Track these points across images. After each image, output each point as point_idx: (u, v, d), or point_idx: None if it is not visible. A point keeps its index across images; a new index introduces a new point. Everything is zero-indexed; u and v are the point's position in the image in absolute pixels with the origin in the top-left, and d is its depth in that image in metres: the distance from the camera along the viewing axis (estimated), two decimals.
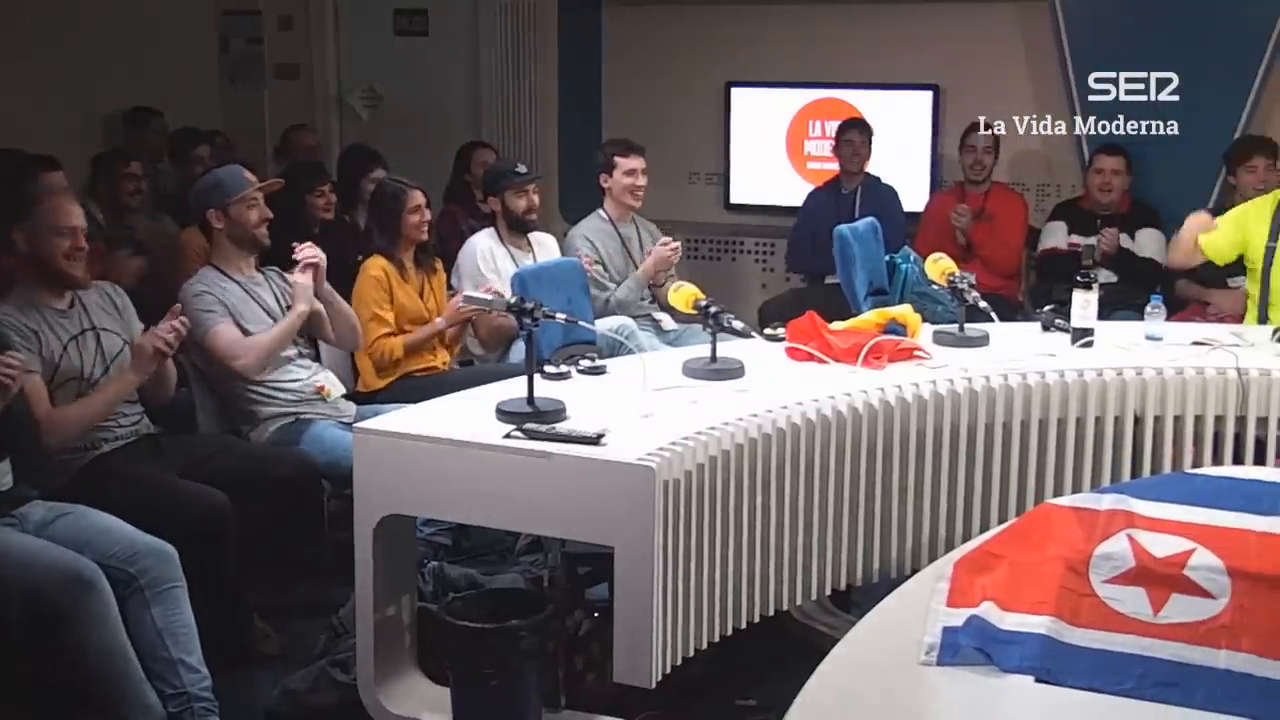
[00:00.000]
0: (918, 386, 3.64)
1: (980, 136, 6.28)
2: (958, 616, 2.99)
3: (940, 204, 6.41)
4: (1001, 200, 6.32)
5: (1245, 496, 3.06)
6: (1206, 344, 4.01)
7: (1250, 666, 2.81)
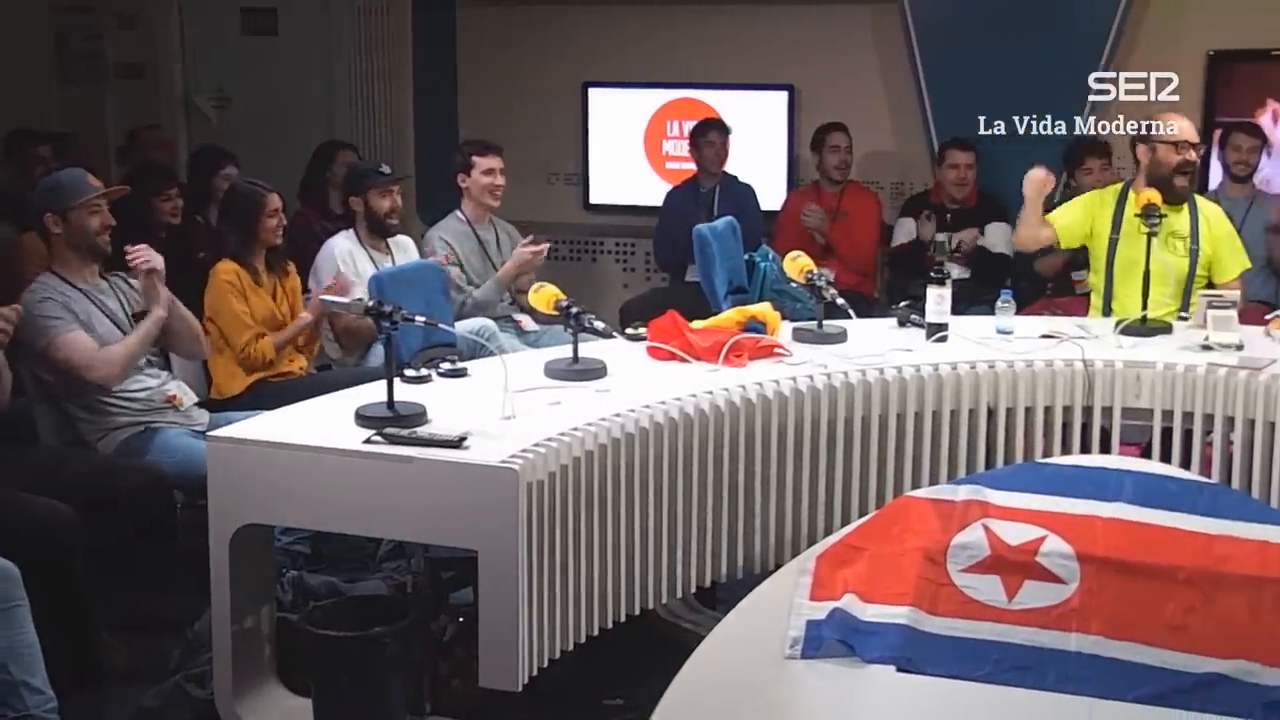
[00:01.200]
0: (778, 383, 3.68)
1: (843, 136, 6.37)
2: (820, 610, 3.03)
3: (797, 203, 6.49)
4: (856, 199, 6.43)
5: (1092, 484, 3.17)
6: (1054, 337, 4.13)
7: (1098, 648, 2.91)
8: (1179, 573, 2.96)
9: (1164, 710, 2.77)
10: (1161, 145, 4.47)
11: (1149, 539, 3.03)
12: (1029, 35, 6.23)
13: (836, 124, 6.41)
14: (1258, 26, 6.20)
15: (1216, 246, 4.49)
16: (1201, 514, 3.06)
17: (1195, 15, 6.31)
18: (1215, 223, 4.53)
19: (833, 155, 6.38)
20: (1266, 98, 6.18)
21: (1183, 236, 4.46)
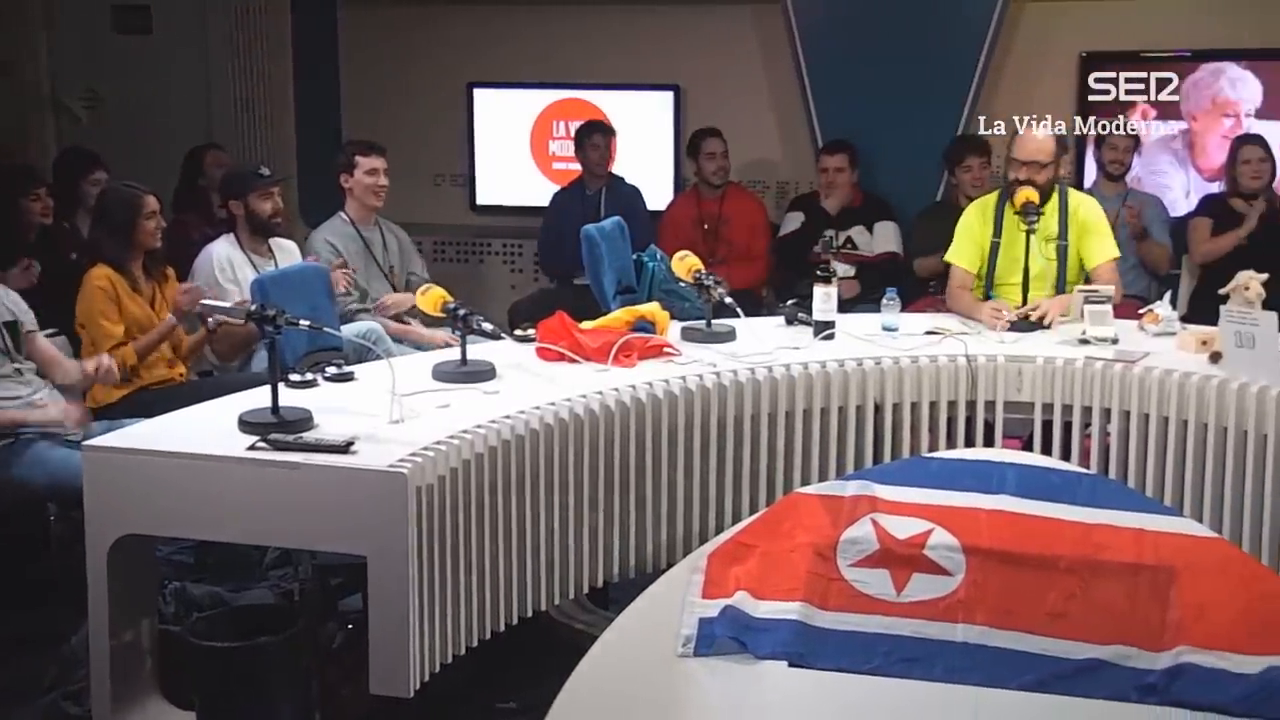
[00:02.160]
0: (668, 383, 3.68)
1: (718, 142, 6.40)
2: (713, 607, 3.05)
3: (680, 208, 6.49)
4: (738, 201, 6.45)
5: (976, 477, 3.23)
6: (938, 333, 4.20)
7: (984, 638, 2.96)
8: (1059, 562, 3.03)
9: (1046, 696, 2.84)
10: (1009, 163, 4.57)
11: (1031, 530, 3.10)
12: (910, 36, 6.32)
13: (711, 129, 6.43)
14: (1128, 28, 6.38)
15: (1083, 234, 4.56)
16: (1081, 504, 3.14)
17: (1068, 17, 6.47)
18: (1084, 211, 4.59)
19: (709, 161, 6.40)
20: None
21: (1052, 237, 4.55)
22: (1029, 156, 4.52)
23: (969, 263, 4.64)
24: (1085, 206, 4.64)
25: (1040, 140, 4.55)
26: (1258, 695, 2.76)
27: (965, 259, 4.65)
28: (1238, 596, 2.94)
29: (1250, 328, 3.71)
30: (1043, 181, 4.50)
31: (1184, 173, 6.36)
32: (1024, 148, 4.55)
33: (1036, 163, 4.50)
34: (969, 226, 4.69)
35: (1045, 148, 4.53)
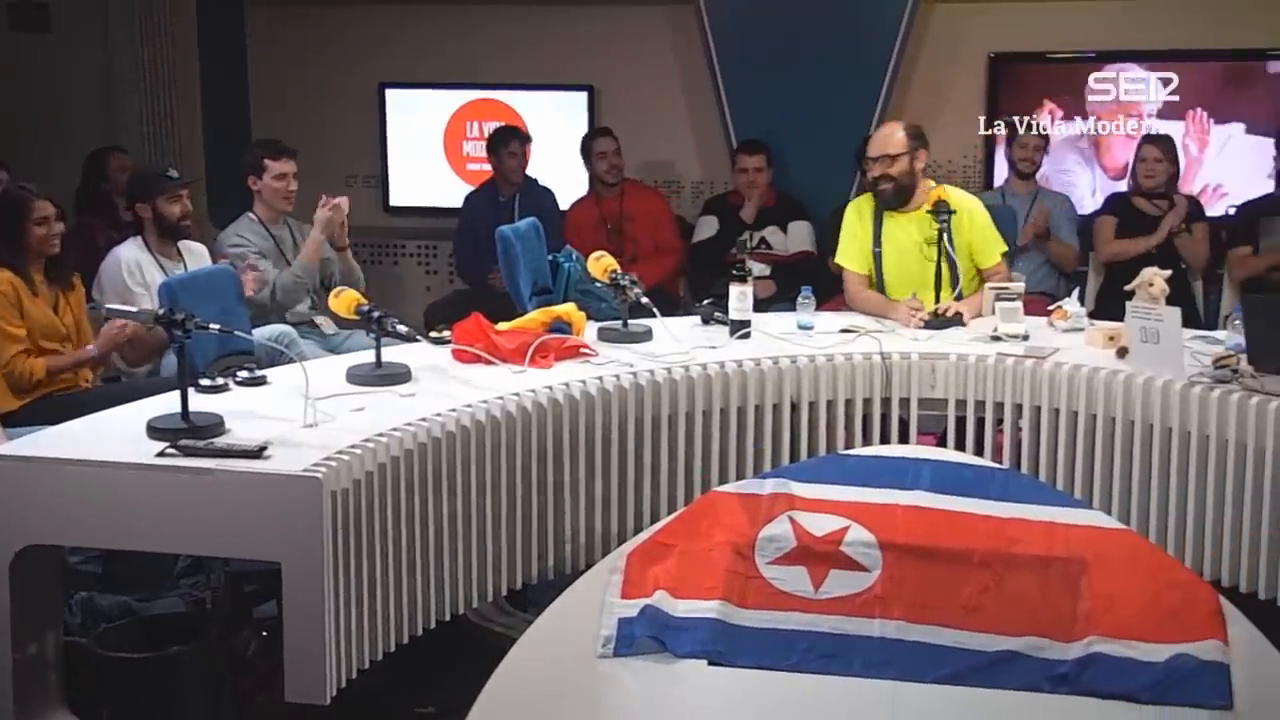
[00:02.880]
0: (585, 383, 3.67)
1: (609, 141, 6.39)
2: (632, 607, 3.05)
3: (581, 210, 6.47)
4: (638, 198, 6.45)
5: (892, 474, 3.25)
6: (853, 331, 4.23)
7: (900, 632, 3.00)
8: (973, 556, 3.07)
9: (962, 689, 2.87)
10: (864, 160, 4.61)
11: (946, 524, 3.13)
12: (822, 37, 6.38)
13: (602, 129, 6.45)
14: (1036, 30, 6.49)
15: (972, 236, 4.58)
16: (994, 499, 3.18)
17: (977, 19, 6.57)
18: (969, 214, 4.59)
19: (600, 161, 6.38)
20: (1044, 97, 6.48)
21: (934, 241, 4.51)
22: (876, 151, 4.54)
23: (860, 264, 4.64)
24: (970, 208, 4.60)
25: (885, 133, 4.57)
26: (1164, 683, 2.82)
27: (855, 261, 4.64)
28: (1145, 586, 3.00)
29: (1155, 323, 3.79)
30: (897, 174, 4.51)
31: (1090, 172, 6.49)
32: (872, 144, 4.58)
33: (886, 155, 4.51)
34: (852, 228, 4.66)
35: (893, 139, 4.53)
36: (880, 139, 4.57)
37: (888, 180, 4.53)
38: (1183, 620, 2.92)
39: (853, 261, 4.66)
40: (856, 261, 4.65)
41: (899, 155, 4.51)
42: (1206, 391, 3.61)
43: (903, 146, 4.52)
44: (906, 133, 4.56)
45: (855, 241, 4.66)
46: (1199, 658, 2.84)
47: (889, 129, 4.60)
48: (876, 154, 4.54)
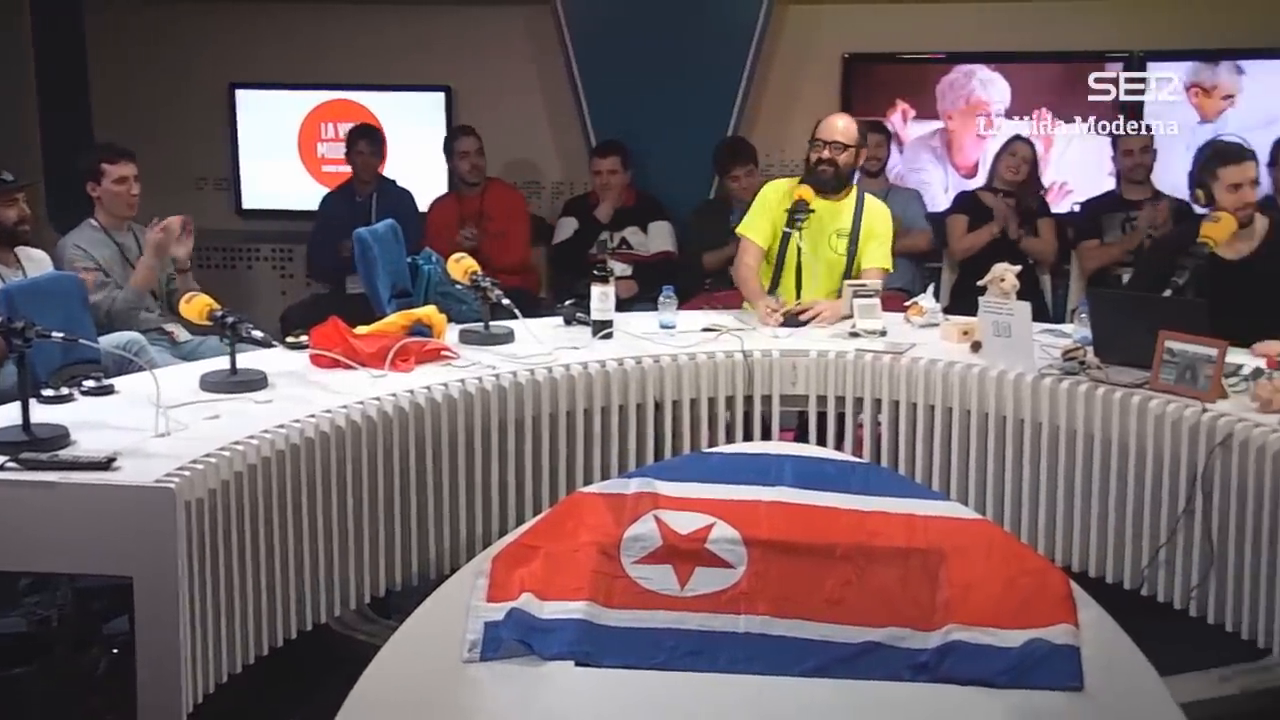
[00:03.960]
0: (446, 386, 3.64)
1: (471, 140, 6.35)
2: (498, 611, 3.02)
3: (441, 210, 6.41)
4: (498, 198, 6.42)
5: (755, 470, 3.28)
6: (715, 330, 4.26)
7: (766, 627, 3.02)
8: (836, 549, 3.11)
9: (827, 681, 2.91)
10: (811, 145, 4.66)
11: (808, 519, 3.17)
12: (679, 38, 6.41)
13: (464, 128, 6.40)
14: (887, 31, 6.61)
15: (868, 238, 4.65)
16: (855, 493, 3.23)
17: (831, 20, 6.67)
18: (873, 219, 4.67)
19: (462, 161, 6.34)
20: (896, 97, 6.61)
21: (845, 233, 4.64)
22: (832, 136, 4.58)
23: (762, 238, 4.65)
24: (877, 213, 4.69)
25: (845, 123, 4.63)
26: (1019, 667, 2.88)
27: (758, 234, 4.65)
28: (1001, 575, 3.07)
29: (1006, 317, 3.89)
30: (842, 163, 4.58)
31: (942, 169, 6.64)
32: (829, 127, 4.61)
33: (839, 143, 4.57)
34: (766, 204, 4.69)
35: (850, 131, 4.60)
36: (837, 127, 4.61)
37: (832, 165, 4.58)
38: (1036, 606, 3.00)
39: (756, 233, 4.67)
40: (759, 234, 4.66)
41: (849, 147, 4.59)
42: (1056, 383, 3.72)
43: (854, 140, 4.60)
44: (858, 130, 4.65)
45: (766, 217, 4.67)
46: (1051, 642, 2.92)
47: (846, 121, 4.66)
48: (830, 138, 4.59)
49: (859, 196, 4.68)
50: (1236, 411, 3.38)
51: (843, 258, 4.61)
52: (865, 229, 4.63)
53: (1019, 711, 2.80)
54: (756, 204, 4.74)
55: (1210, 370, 3.44)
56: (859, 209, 4.65)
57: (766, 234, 4.65)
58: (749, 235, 4.67)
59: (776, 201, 4.65)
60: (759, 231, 4.66)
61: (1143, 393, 3.56)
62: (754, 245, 4.65)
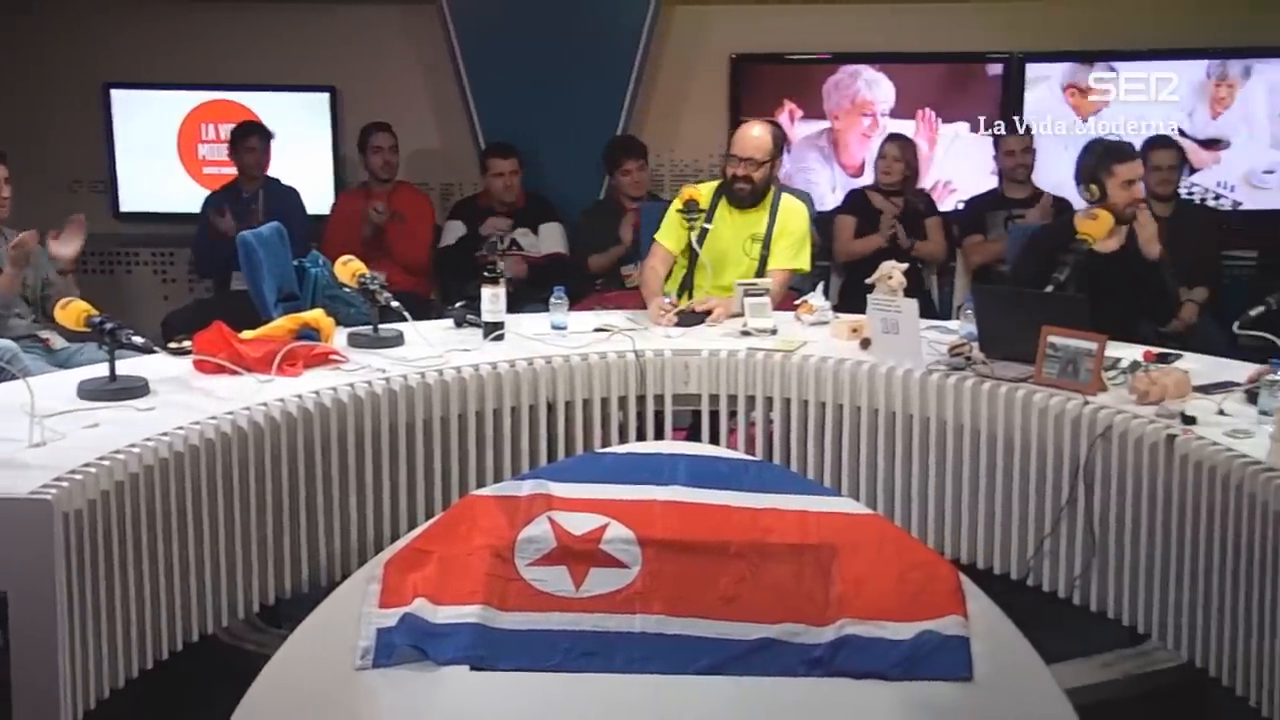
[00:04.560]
0: (335, 390, 3.58)
1: (387, 136, 6.29)
2: (391, 617, 2.99)
3: (347, 204, 6.35)
4: (407, 199, 6.37)
5: (648, 470, 3.29)
6: (607, 330, 4.26)
7: (661, 626, 3.03)
8: (730, 547, 3.13)
9: (723, 678, 2.92)
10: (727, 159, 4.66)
11: (702, 518, 3.18)
12: (567, 38, 6.39)
13: (380, 124, 6.33)
14: (774, 31, 6.67)
15: (778, 238, 4.68)
16: (748, 490, 3.25)
17: (718, 20, 6.70)
18: (787, 218, 4.70)
19: (376, 156, 6.29)
20: (784, 97, 6.67)
21: (759, 237, 4.65)
22: (745, 153, 4.61)
23: (672, 244, 4.67)
24: (791, 214, 4.72)
25: (757, 137, 4.63)
26: (910, 659, 2.93)
27: (670, 239, 4.68)
28: (891, 568, 3.11)
29: (894, 314, 3.94)
30: (758, 179, 4.61)
31: (830, 169, 6.71)
32: (742, 143, 4.63)
33: (753, 159, 4.59)
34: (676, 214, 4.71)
35: (763, 144, 4.62)
36: (751, 141, 4.62)
37: (748, 182, 4.60)
38: (926, 599, 3.04)
39: (668, 239, 4.69)
40: (671, 239, 4.68)
41: (763, 162, 4.60)
42: (943, 379, 3.78)
43: (767, 154, 4.61)
44: (772, 139, 4.65)
45: (680, 224, 4.67)
46: (942, 633, 2.96)
47: (759, 131, 4.66)
48: (744, 154, 4.60)
49: (775, 198, 4.70)
50: (1116, 404, 3.47)
51: (755, 262, 4.65)
52: (778, 229, 4.66)
53: (911, 703, 2.84)
54: (673, 211, 4.75)
55: (1091, 364, 3.53)
56: (774, 211, 4.68)
57: (679, 239, 4.67)
58: (660, 240, 4.72)
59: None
60: (671, 237, 4.69)
61: (1027, 387, 3.63)
62: (662, 249, 4.69)
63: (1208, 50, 6.46)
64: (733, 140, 4.69)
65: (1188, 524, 3.19)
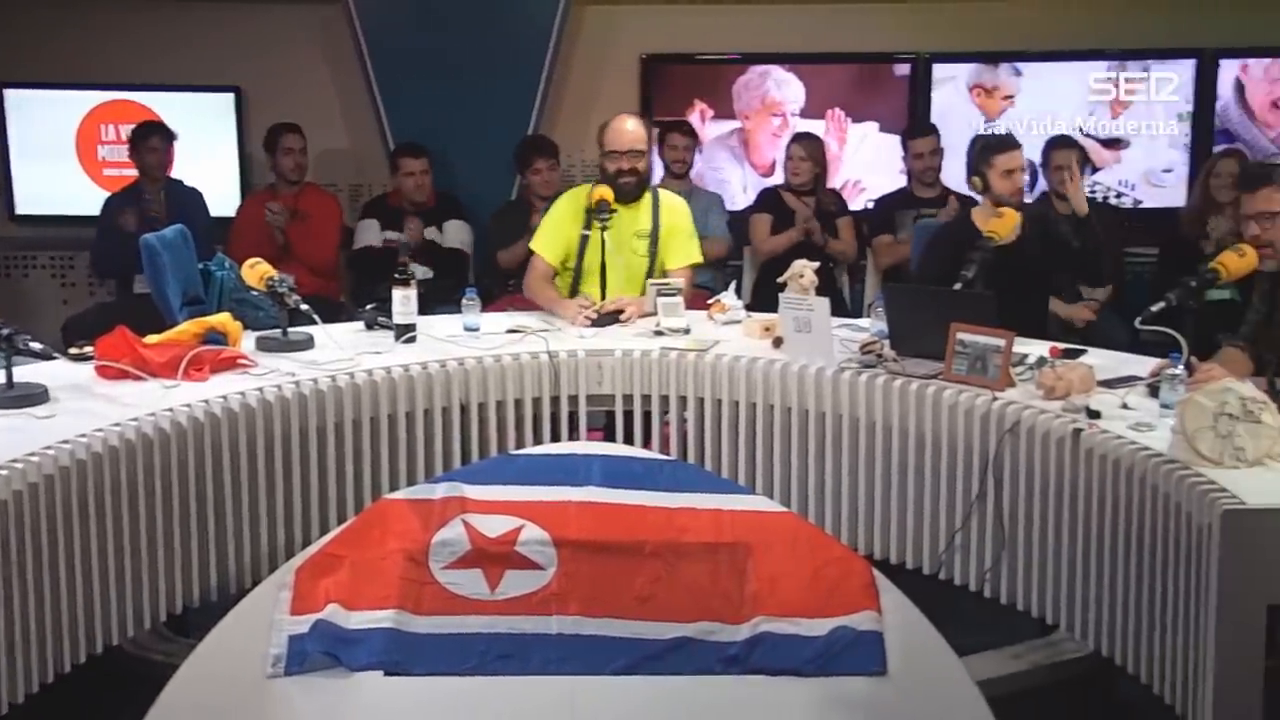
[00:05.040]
0: (244, 395, 3.52)
1: (296, 138, 6.20)
2: (303, 623, 2.96)
3: (253, 207, 6.26)
4: (315, 200, 6.29)
5: (563, 471, 3.28)
6: (520, 331, 4.24)
7: (577, 627, 3.02)
8: (645, 547, 3.13)
9: (639, 678, 2.92)
10: (604, 154, 4.66)
11: (618, 518, 3.18)
12: (476, 37, 6.36)
13: (289, 125, 6.23)
14: (684, 32, 6.68)
15: (669, 236, 4.70)
16: (663, 490, 3.25)
17: (628, 20, 6.71)
18: (672, 215, 4.73)
19: (286, 157, 6.20)
20: (694, 97, 6.69)
21: (645, 234, 4.67)
22: (630, 145, 4.60)
23: (553, 255, 4.66)
24: (675, 210, 4.74)
25: (635, 130, 4.64)
26: (825, 655, 2.95)
27: (549, 250, 4.66)
28: (806, 565, 3.13)
29: (806, 313, 3.97)
30: (642, 170, 4.63)
31: (741, 169, 6.75)
32: (622, 138, 4.62)
33: (636, 151, 4.61)
34: (559, 218, 4.69)
35: (640, 136, 4.64)
36: (630, 135, 4.62)
37: (634, 174, 4.60)
38: (840, 594, 3.07)
39: (547, 250, 4.66)
40: (548, 250, 4.66)
41: (644, 152, 4.63)
42: (855, 376, 3.81)
43: (645, 143, 4.63)
44: (645, 129, 4.67)
45: (558, 230, 4.66)
46: (856, 628, 2.99)
47: (634, 124, 4.66)
48: (626, 148, 4.59)
49: (654, 194, 4.72)
50: (1023, 399, 3.52)
51: (645, 259, 4.65)
52: (665, 228, 4.68)
53: (826, 698, 2.85)
54: (548, 219, 4.74)
55: (999, 360, 3.58)
56: (656, 208, 4.69)
57: (558, 250, 4.67)
58: (541, 252, 4.69)
59: (570, 215, 4.67)
60: (550, 248, 4.67)
61: (937, 383, 3.67)
62: (543, 261, 4.67)
63: (1108, 52, 6.61)
64: (607, 139, 4.65)
65: (1094, 516, 3.25)
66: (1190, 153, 6.59)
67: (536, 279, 4.67)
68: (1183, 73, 6.57)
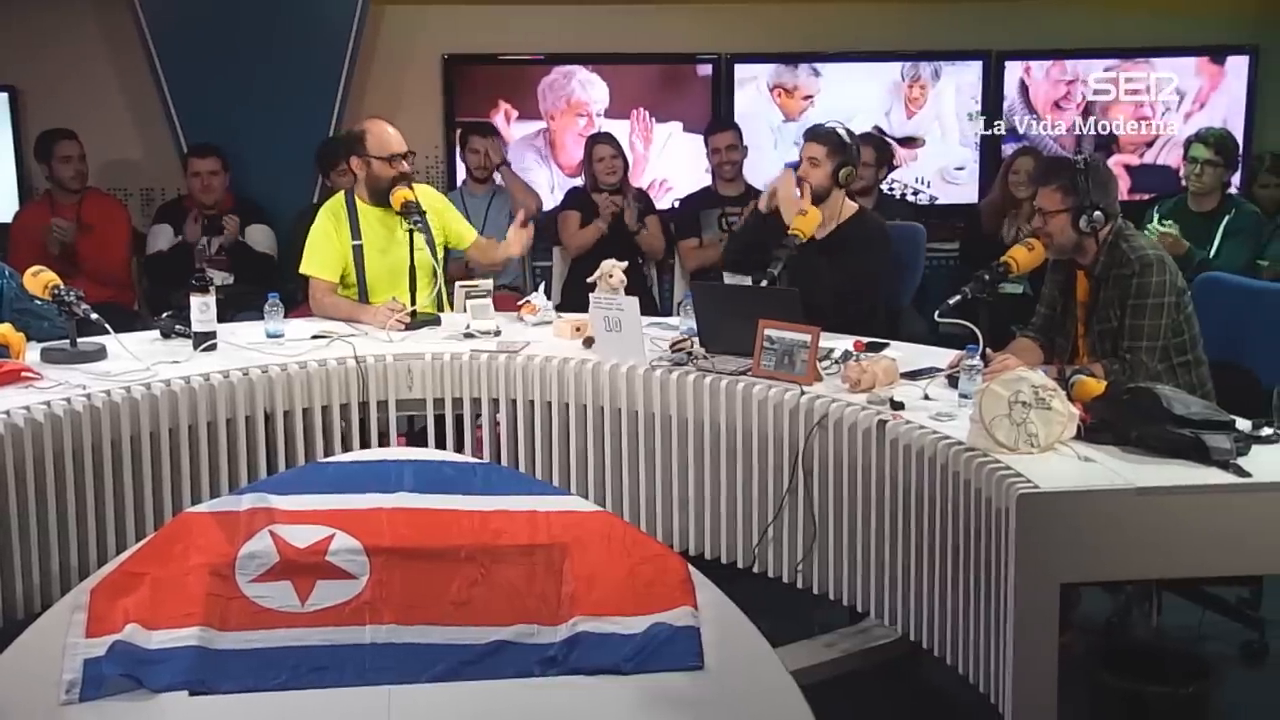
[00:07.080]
0: (29, 410, 3.36)
1: (73, 145, 5.92)
2: (99, 646, 2.84)
3: (32, 216, 5.94)
4: (99, 207, 6.01)
5: (374, 478, 3.22)
6: (326, 337, 4.14)
7: (392, 635, 2.97)
8: (460, 551, 3.09)
9: (457, 684, 2.88)
10: (376, 160, 4.56)
11: (431, 524, 3.13)
12: (271, 37, 6.20)
13: (64, 131, 5.92)
14: (487, 32, 6.64)
15: (444, 223, 4.71)
16: (477, 493, 3.22)
17: (430, 20, 6.63)
18: (432, 200, 4.72)
19: (64, 166, 5.89)
20: (498, 98, 6.65)
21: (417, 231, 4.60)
22: (404, 148, 4.58)
23: (331, 272, 4.56)
24: (430, 194, 4.80)
25: (397, 132, 4.61)
26: (643, 652, 2.95)
27: (326, 269, 4.56)
28: (622, 564, 3.13)
29: (616, 312, 3.98)
30: (409, 169, 4.61)
31: (548, 169, 6.73)
32: (396, 142, 4.57)
33: (411, 152, 4.62)
34: (325, 234, 4.59)
35: (403, 135, 4.63)
36: (398, 137, 4.58)
37: (411, 175, 4.59)
38: (656, 591, 3.08)
39: (321, 269, 4.57)
40: (325, 269, 4.56)
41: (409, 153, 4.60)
42: (666, 374, 3.84)
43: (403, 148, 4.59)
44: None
45: (328, 245, 4.58)
46: (673, 625, 3.00)
47: (393, 128, 4.62)
48: (404, 149, 4.56)
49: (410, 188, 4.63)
50: (830, 393, 3.60)
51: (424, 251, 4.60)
52: (435, 215, 4.65)
53: (645, 695, 2.86)
54: (313, 239, 4.64)
55: (806, 355, 3.65)
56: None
57: (334, 266, 4.58)
58: (315, 273, 4.59)
59: (335, 228, 4.59)
60: (325, 267, 4.59)
61: (746, 379, 3.72)
62: (322, 281, 4.58)
63: (902, 53, 6.81)
64: (379, 144, 4.54)
65: (900, 505, 3.34)
66: (980, 150, 6.85)
67: (323, 297, 4.56)
68: (971, 74, 6.82)
